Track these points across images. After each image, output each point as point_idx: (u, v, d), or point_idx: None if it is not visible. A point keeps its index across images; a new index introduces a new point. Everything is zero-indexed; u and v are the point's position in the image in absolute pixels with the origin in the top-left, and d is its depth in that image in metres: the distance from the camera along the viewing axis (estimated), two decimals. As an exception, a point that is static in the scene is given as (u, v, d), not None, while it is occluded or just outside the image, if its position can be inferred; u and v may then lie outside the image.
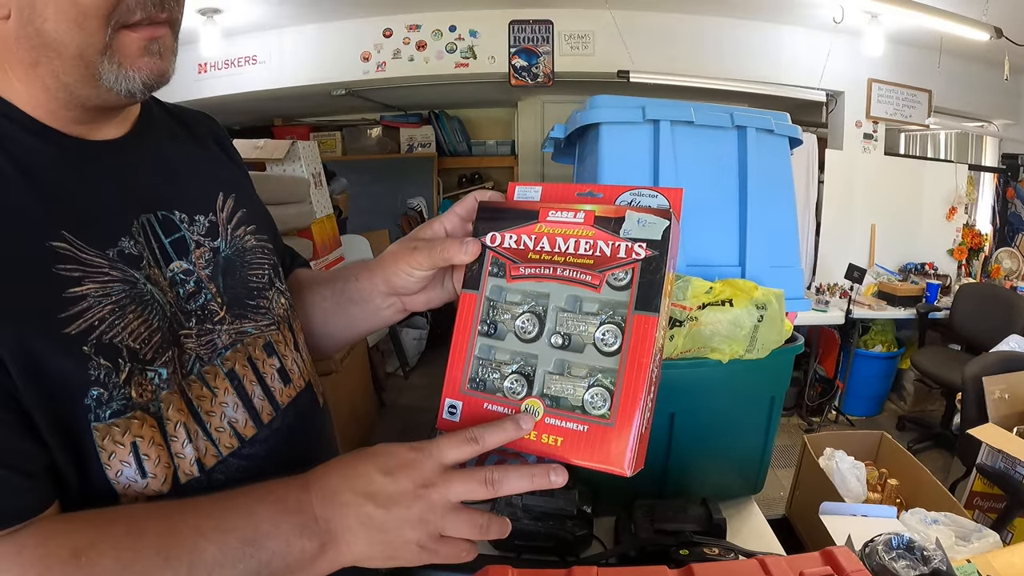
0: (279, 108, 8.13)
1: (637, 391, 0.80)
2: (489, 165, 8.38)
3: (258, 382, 0.99)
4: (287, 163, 4.52)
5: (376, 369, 5.60)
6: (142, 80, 0.83)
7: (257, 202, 1.15)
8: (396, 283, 1.03)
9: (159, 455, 0.83)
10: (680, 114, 1.82)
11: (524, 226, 0.92)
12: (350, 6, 5.69)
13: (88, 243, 0.81)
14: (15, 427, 0.72)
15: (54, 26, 0.78)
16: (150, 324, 0.84)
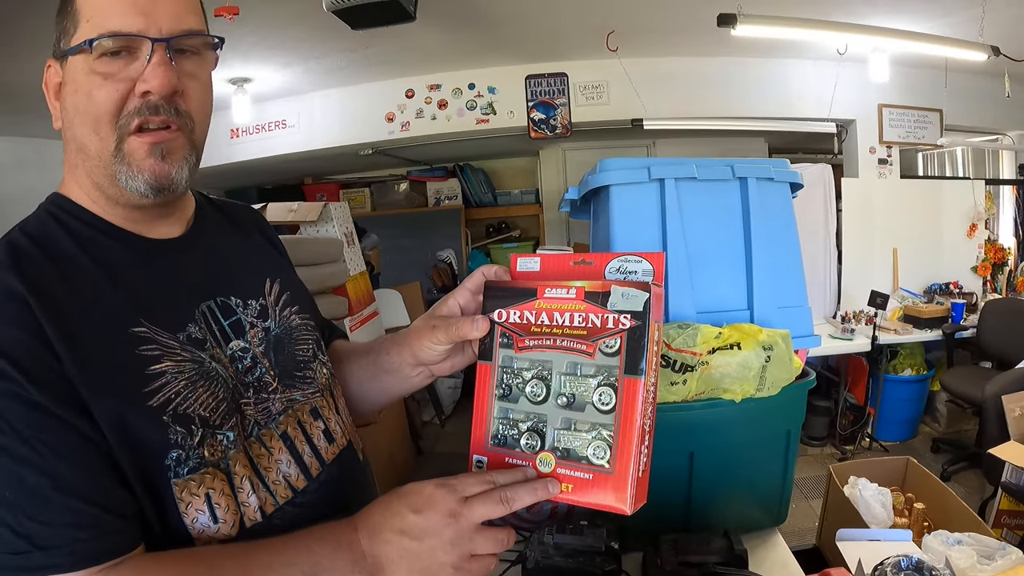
0: (309, 168, 8.38)
1: (630, 443, 0.93)
2: (515, 214, 8.51)
3: (307, 442, 1.14)
4: (320, 224, 4.63)
5: (412, 418, 5.69)
6: (146, 181, 0.98)
7: (299, 284, 1.32)
8: (421, 356, 1.18)
9: (228, 504, 0.98)
10: (683, 171, 1.90)
11: (525, 303, 1.06)
12: (372, 70, 5.86)
13: (164, 328, 0.98)
14: (112, 479, 0.88)
15: (80, 131, 0.98)
16: (216, 395, 1.01)
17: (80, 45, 0.94)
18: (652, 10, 4.53)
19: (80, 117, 0.97)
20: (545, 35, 5.12)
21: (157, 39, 0.95)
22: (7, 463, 0.83)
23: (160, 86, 0.95)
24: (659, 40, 5.28)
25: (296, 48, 4.96)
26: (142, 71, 0.95)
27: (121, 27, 0.93)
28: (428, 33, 4.65)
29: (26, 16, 3.73)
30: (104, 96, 0.95)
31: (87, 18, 0.94)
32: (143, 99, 0.96)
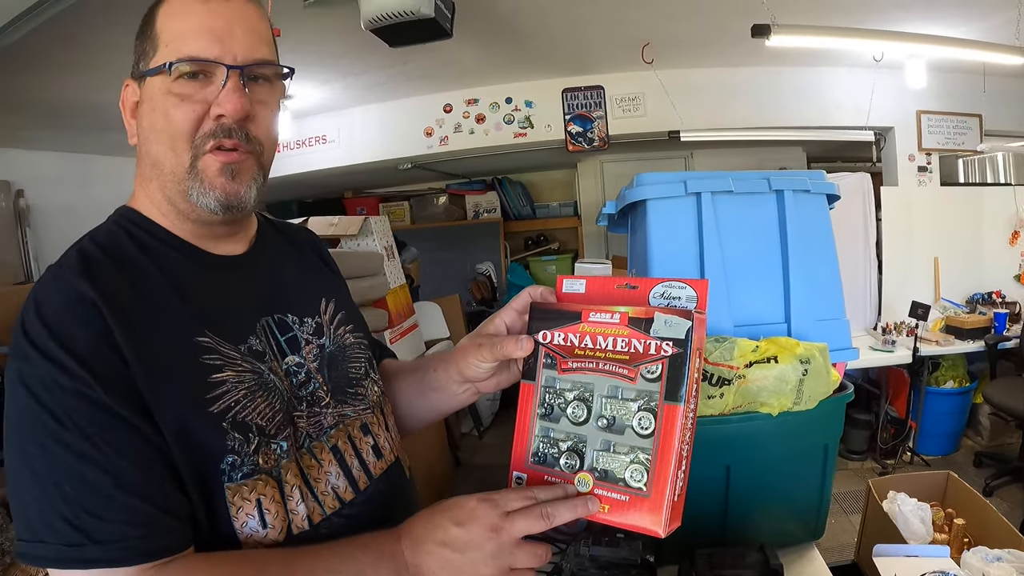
0: (349, 182, 8.50)
1: (667, 468, 0.96)
2: (553, 227, 8.54)
3: (356, 456, 1.19)
4: (360, 238, 4.67)
5: (451, 430, 5.73)
6: (217, 198, 1.05)
7: (352, 304, 1.38)
8: (467, 373, 1.21)
9: (278, 511, 1.02)
10: (719, 185, 1.91)
11: (570, 325, 1.09)
12: (410, 85, 5.92)
13: (226, 339, 1.04)
14: (170, 480, 0.93)
15: (156, 148, 1.05)
16: (273, 406, 1.06)
17: (159, 67, 1.01)
18: (686, 22, 4.53)
19: (156, 135, 1.04)
20: (580, 49, 5.14)
21: (232, 66, 1.02)
22: (70, 460, 0.87)
23: (233, 111, 1.02)
24: (694, 51, 5.27)
25: (335, 65, 5.03)
26: (217, 95, 1.02)
27: (199, 53, 1.01)
28: (464, 49, 4.69)
29: (69, 38, 3.83)
30: (181, 116, 1.02)
31: (166, 43, 1.02)
32: (217, 122, 1.03)
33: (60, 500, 0.87)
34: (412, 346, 4.91)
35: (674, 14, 4.36)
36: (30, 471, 0.89)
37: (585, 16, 4.38)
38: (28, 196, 6.58)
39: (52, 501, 0.87)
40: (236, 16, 1.04)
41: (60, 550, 0.86)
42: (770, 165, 6.93)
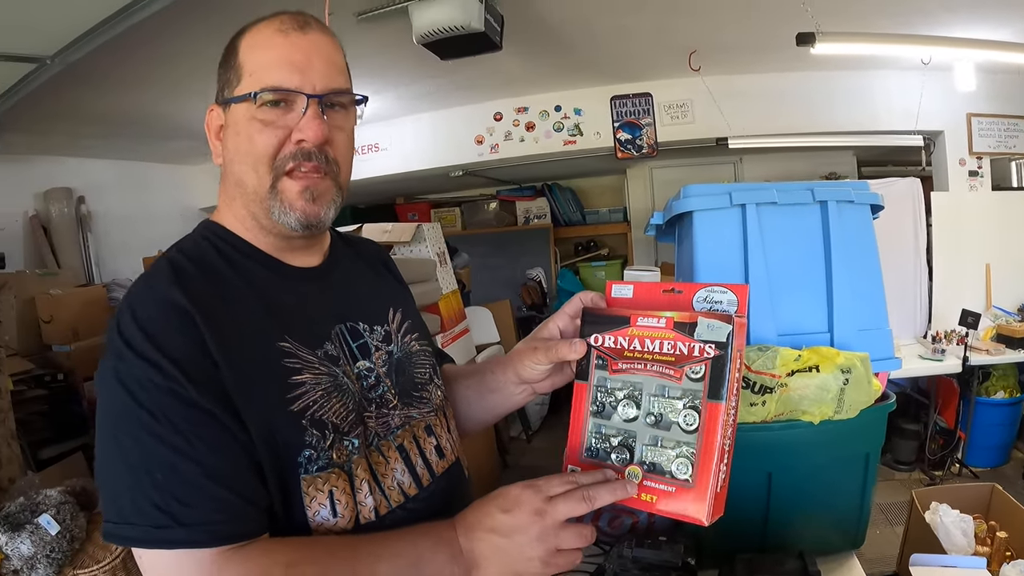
0: (401, 188, 8.65)
1: (710, 461, 1.03)
2: (603, 232, 8.57)
3: (420, 455, 1.27)
4: (413, 244, 4.78)
5: (500, 433, 5.78)
6: (297, 219, 1.14)
7: (417, 314, 1.46)
8: (524, 375, 1.30)
9: (348, 502, 1.11)
10: (764, 196, 1.93)
11: (620, 329, 1.16)
12: (460, 94, 6.01)
13: (303, 345, 1.13)
14: (252, 472, 1.02)
15: (240, 168, 1.14)
16: (346, 406, 1.14)
17: (245, 96, 1.10)
18: (732, 29, 4.54)
19: (241, 156, 1.14)
20: (628, 56, 5.18)
21: (311, 95, 1.11)
22: (162, 451, 0.96)
23: (314, 136, 1.12)
24: (741, 57, 5.27)
25: (387, 76, 5.12)
26: (298, 121, 1.11)
27: (281, 83, 1.10)
28: (514, 58, 4.76)
29: (128, 55, 4.00)
30: (264, 140, 1.11)
31: (250, 72, 1.11)
32: (297, 146, 1.12)
33: (151, 487, 0.95)
34: (463, 350, 4.98)
35: (720, 21, 4.37)
36: (123, 460, 0.98)
37: (632, 25, 4.42)
38: (89, 202, 6.77)
39: (143, 488, 0.96)
40: (314, 48, 1.13)
41: (148, 531, 0.95)
42: (820, 170, 6.88)
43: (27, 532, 2.01)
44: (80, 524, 2.17)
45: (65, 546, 2.06)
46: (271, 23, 1.13)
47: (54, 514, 2.09)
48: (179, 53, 4.16)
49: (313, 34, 1.14)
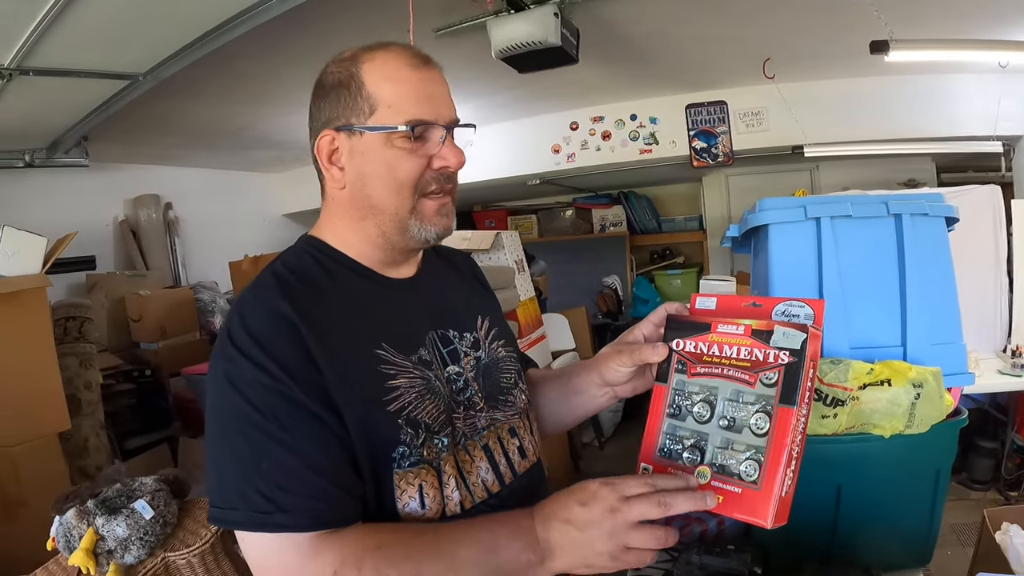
0: (479, 196, 8.79)
1: (778, 465, 1.06)
2: (679, 240, 8.52)
3: (503, 455, 1.34)
4: (492, 252, 4.84)
5: (574, 439, 5.79)
6: (436, 233, 1.26)
7: (504, 322, 1.53)
8: (608, 377, 1.37)
9: (436, 495, 1.19)
10: (839, 210, 1.93)
11: (700, 335, 1.22)
12: (537, 105, 6.07)
13: (399, 351, 1.22)
14: (349, 466, 1.12)
15: (378, 194, 1.23)
16: (438, 407, 1.22)
17: (389, 127, 1.19)
18: (805, 36, 4.50)
19: (379, 181, 1.22)
20: (702, 65, 5.16)
21: (447, 126, 1.23)
22: (270, 444, 1.06)
23: (457, 163, 1.24)
24: (815, 64, 5.19)
25: (465, 88, 5.22)
26: (435, 149, 1.22)
27: (423, 116, 1.20)
28: (589, 69, 4.77)
29: (216, 70, 4.15)
30: (408, 167, 1.21)
31: (388, 104, 1.20)
32: (438, 171, 1.23)
33: (256, 476, 1.05)
34: (539, 356, 4.99)
35: (794, 28, 4.33)
36: (231, 452, 1.08)
37: (706, 34, 4.42)
38: (176, 208, 7.02)
39: (249, 476, 1.05)
40: (439, 82, 1.25)
41: (252, 516, 1.05)
42: (897, 177, 6.70)
43: (123, 516, 2.12)
44: (172, 510, 2.28)
45: (158, 530, 2.17)
46: (397, 56, 1.23)
47: (149, 500, 2.20)
48: (261, 70, 4.33)
49: (435, 68, 1.25)
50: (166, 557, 2.17)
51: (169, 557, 2.17)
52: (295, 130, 6.03)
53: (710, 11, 4.00)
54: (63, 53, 3.43)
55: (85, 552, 2.05)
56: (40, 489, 3.18)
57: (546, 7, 3.39)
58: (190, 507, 2.42)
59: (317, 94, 1.28)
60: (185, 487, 2.48)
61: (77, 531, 2.11)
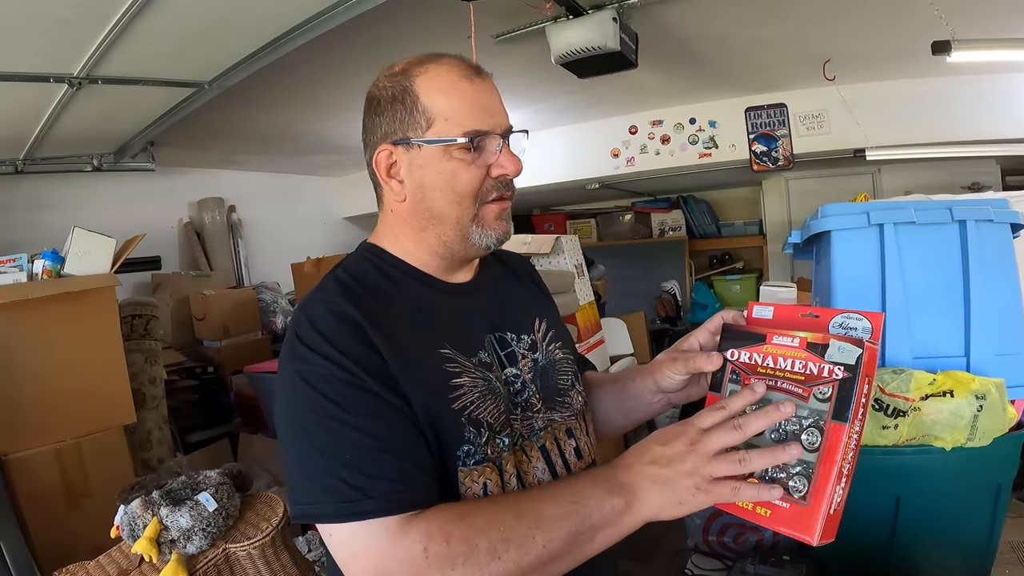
0: (538, 200, 8.77)
1: (827, 482, 1.02)
2: (738, 245, 8.44)
3: (560, 455, 1.35)
4: (552, 256, 4.82)
5: (628, 443, 5.77)
6: (496, 238, 1.29)
7: (562, 324, 1.55)
8: (662, 384, 1.36)
9: (498, 493, 1.20)
10: (902, 216, 1.92)
11: (755, 346, 1.19)
12: (596, 109, 6.06)
13: (461, 352, 1.24)
14: (427, 449, 1.14)
15: (439, 204, 1.25)
16: (498, 408, 1.24)
17: (449, 140, 1.22)
18: (866, 36, 4.40)
19: (439, 193, 1.25)
20: (762, 67, 5.08)
21: (503, 135, 1.25)
22: (350, 433, 1.09)
23: (515, 170, 1.26)
24: (876, 65, 5.07)
25: (525, 93, 5.26)
26: (493, 158, 1.24)
27: (481, 127, 1.22)
28: (648, 73, 4.76)
29: (279, 78, 4.23)
30: (469, 177, 1.23)
31: (445, 117, 1.22)
32: (497, 179, 1.26)
33: (340, 466, 1.07)
34: (598, 361, 4.96)
35: (854, 29, 4.24)
36: (313, 447, 1.10)
37: (765, 36, 4.36)
38: (239, 211, 7.15)
39: (332, 468, 1.08)
40: (493, 91, 1.28)
41: (340, 507, 1.06)
42: (961, 180, 6.49)
43: (187, 507, 2.17)
44: (235, 504, 2.33)
45: (220, 522, 2.22)
46: (449, 69, 1.25)
47: (212, 493, 2.25)
48: (323, 77, 4.40)
49: (486, 78, 1.28)
50: (227, 548, 2.22)
51: (230, 548, 2.22)
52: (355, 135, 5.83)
53: (769, 13, 3.95)
54: (131, 62, 3.52)
55: (149, 541, 2.10)
56: (104, 479, 3.29)
57: (605, 12, 3.39)
58: (252, 501, 2.46)
59: (370, 109, 1.30)
60: (248, 481, 2.53)
61: (142, 520, 2.17)
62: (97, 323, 3.45)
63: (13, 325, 3.20)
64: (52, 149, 5.21)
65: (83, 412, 3.36)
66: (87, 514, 3.23)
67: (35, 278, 3.30)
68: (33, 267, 3.32)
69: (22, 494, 3.15)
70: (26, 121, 4.35)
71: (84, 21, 2.95)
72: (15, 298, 3.13)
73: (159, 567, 2.12)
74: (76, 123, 4.51)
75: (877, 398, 1.68)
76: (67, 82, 3.61)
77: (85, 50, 3.26)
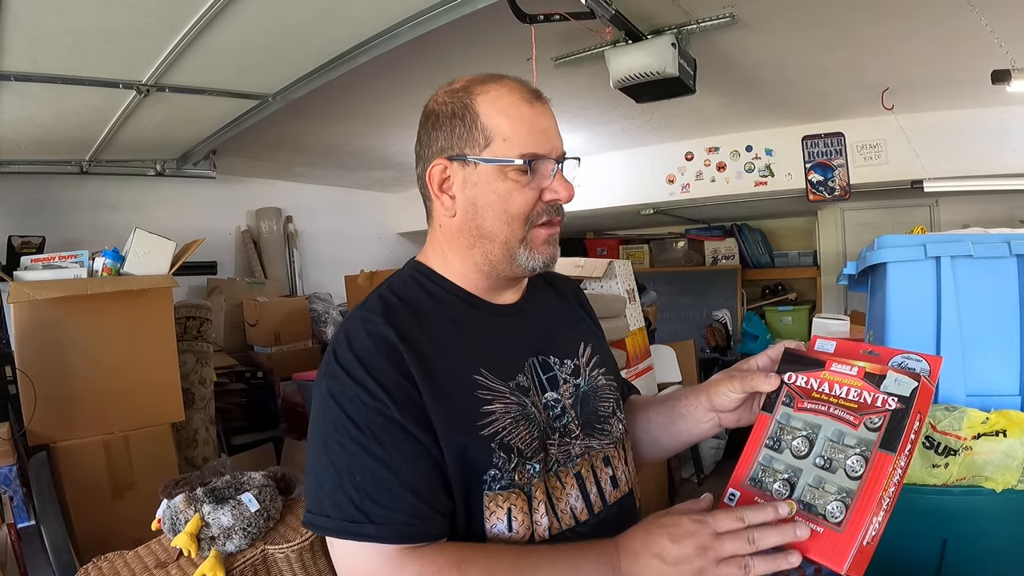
0: (591, 224, 8.81)
1: (867, 510, 1.03)
2: (792, 276, 8.30)
3: (595, 483, 1.35)
4: (604, 280, 4.82)
5: (673, 474, 5.73)
6: (543, 261, 1.30)
7: (607, 350, 1.55)
8: (717, 402, 1.37)
9: (524, 520, 1.22)
10: (959, 249, 1.88)
11: (813, 371, 1.22)
12: (653, 134, 6.06)
13: (497, 376, 1.25)
14: (441, 486, 1.17)
15: (490, 223, 1.27)
16: (531, 434, 1.25)
17: (506, 160, 1.24)
18: (925, 65, 4.32)
19: (491, 211, 1.27)
20: (819, 96, 5.02)
21: (559, 160, 1.28)
22: (365, 458, 1.13)
23: (568, 196, 1.29)
24: (936, 94, 4.97)
25: (583, 116, 5.28)
26: (546, 183, 1.27)
27: (538, 150, 1.25)
28: (705, 99, 4.74)
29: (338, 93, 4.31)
30: (522, 199, 1.25)
31: (503, 138, 1.24)
32: (548, 203, 1.28)
33: (351, 487, 1.12)
34: (645, 388, 4.95)
35: (913, 57, 4.18)
36: (330, 462, 1.15)
37: (823, 64, 4.33)
38: (296, 221, 7.26)
39: (343, 487, 1.12)
40: (549, 116, 1.30)
41: (342, 524, 1.12)
42: (1021, 214, 6.28)
43: (230, 506, 2.21)
44: (277, 506, 2.36)
45: (261, 523, 2.25)
46: (511, 91, 1.28)
47: (255, 494, 2.29)
48: (384, 93, 4.46)
49: (545, 102, 1.31)
50: (265, 550, 2.24)
51: (268, 550, 2.24)
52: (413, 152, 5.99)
53: (827, 41, 3.92)
54: (198, 72, 3.60)
55: (189, 536, 2.14)
56: (149, 473, 3.37)
57: (664, 37, 3.40)
58: (293, 505, 2.49)
59: (427, 123, 1.33)
60: (291, 485, 2.55)
61: (184, 515, 2.20)
62: (153, 322, 3.54)
63: (71, 318, 3.29)
64: (117, 152, 5.34)
65: (133, 407, 3.45)
66: (129, 506, 3.31)
67: (95, 275, 3.40)
68: (94, 264, 3.43)
69: (68, 481, 3.24)
70: (94, 124, 4.47)
71: (155, 30, 3.03)
72: (74, 292, 3.22)
73: (197, 563, 2.15)
74: (142, 129, 4.62)
75: (928, 435, 1.66)
76: (136, 89, 3.70)
77: (155, 59, 3.35)
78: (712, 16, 3.44)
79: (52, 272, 3.33)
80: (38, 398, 3.18)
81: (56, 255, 3.41)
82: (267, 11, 2.93)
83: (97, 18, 2.85)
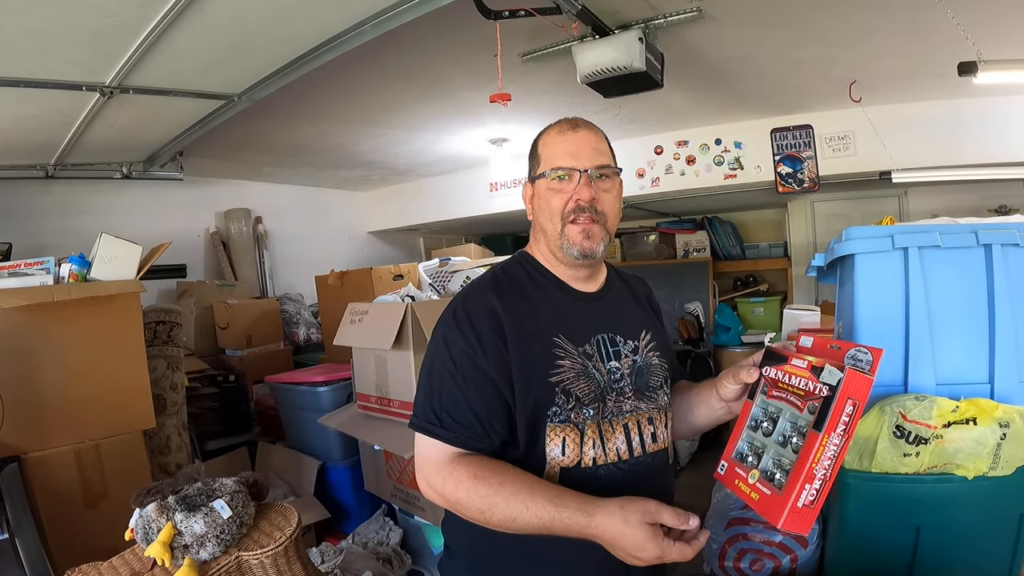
0: (563, 219, 8.68)
1: (798, 478, 1.30)
2: (763, 267, 8.35)
3: (639, 435, 1.69)
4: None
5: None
6: (579, 251, 1.67)
7: (665, 338, 1.89)
8: (722, 393, 1.72)
9: (575, 448, 1.60)
10: (927, 239, 1.93)
11: (780, 365, 1.52)
12: (621, 129, 6.06)
13: (570, 342, 1.64)
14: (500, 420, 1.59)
15: (543, 221, 1.72)
16: (589, 387, 1.63)
17: (543, 174, 1.70)
18: (892, 58, 4.37)
19: (543, 213, 1.71)
20: (788, 89, 5.06)
21: (582, 171, 1.65)
22: (452, 386, 1.58)
23: (588, 197, 1.65)
24: (903, 87, 5.04)
25: (550, 111, 5.17)
26: (572, 188, 1.66)
27: (562, 164, 1.67)
28: (674, 93, 4.77)
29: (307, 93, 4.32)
30: (557, 201, 1.68)
31: (545, 160, 1.71)
32: (575, 203, 1.66)
33: (438, 401, 1.59)
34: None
35: (880, 51, 4.23)
36: (428, 381, 1.63)
37: (792, 58, 4.36)
38: (265, 222, 7.23)
39: (432, 400, 1.60)
40: (582, 140, 1.69)
41: (422, 423, 1.60)
42: (988, 203, 6.37)
43: (202, 514, 2.19)
44: (249, 512, 2.35)
45: (234, 530, 2.23)
46: (555, 127, 1.73)
47: (228, 500, 2.28)
48: (352, 91, 4.42)
49: (581, 131, 1.71)
50: (239, 556, 2.23)
51: (243, 556, 2.23)
52: (382, 150, 6.22)
53: (795, 35, 3.95)
54: (162, 73, 3.58)
55: (162, 545, 2.12)
56: (122, 481, 3.33)
57: (631, 32, 3.42)
58: (266, 510, 2.47)
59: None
60: (264, 490, 2.53)
61: (156, 524, 2.18)
62: (121, 328, 3.50)
63: (38, 326, 3.24)
64: (82, 156, 5.29)
65: (104, 415, 3.40)
66: (103, 515, 3.26)
67: (61, 281, 3.34)
68: (60, 270, 3.37)
69: (40, 492, 3.18)
70: (57, 128, 4.42)
71: (117, 32, 3.00)
72: (41, 300, 3.18)
73: (171, 571, 2.13)
74: (107, 131, 4.58)
75: (899, 424, 1.67)
76: (99, 91, 3.67)
77: (117, 60, 3.32)
78: (679, 11, 3.46)
79: (18, 280, 3.27)
80: (7, 409, 3.13)
81: (22, 262, 3.35)
82: (229, 10, 2.91)
83: (57, 20, 2.82)
